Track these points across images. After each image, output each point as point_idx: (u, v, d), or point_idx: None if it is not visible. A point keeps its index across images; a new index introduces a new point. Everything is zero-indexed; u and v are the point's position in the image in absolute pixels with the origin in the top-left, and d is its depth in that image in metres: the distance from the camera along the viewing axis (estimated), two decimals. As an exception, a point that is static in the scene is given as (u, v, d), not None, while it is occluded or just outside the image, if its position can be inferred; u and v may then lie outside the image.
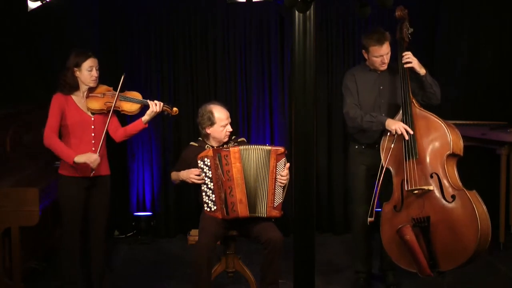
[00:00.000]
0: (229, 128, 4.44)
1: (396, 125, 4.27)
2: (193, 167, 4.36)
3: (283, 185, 4.29)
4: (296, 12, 3.41)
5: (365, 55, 4.53)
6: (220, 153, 4.24)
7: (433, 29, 6.20)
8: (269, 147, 4.28)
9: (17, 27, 5.62)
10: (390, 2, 3.30)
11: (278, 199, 4.28)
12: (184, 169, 4.43)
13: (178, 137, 6.17)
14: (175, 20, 6.09)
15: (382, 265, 4.76)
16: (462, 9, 6.14)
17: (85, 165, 4.16)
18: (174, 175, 4.51)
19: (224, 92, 6.13)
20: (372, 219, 4.29)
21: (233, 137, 4.54)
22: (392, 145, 4.29)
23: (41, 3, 4.65)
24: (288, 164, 4.28)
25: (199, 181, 4.32)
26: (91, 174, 4.19)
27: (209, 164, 4.28)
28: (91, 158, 4.12)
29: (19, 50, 5.68)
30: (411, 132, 4.23)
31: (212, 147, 4.39)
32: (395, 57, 4.49)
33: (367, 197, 4.48)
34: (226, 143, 4.44)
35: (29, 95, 5.59)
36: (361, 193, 4.56)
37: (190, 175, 4.35)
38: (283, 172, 4.27)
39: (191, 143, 4.56)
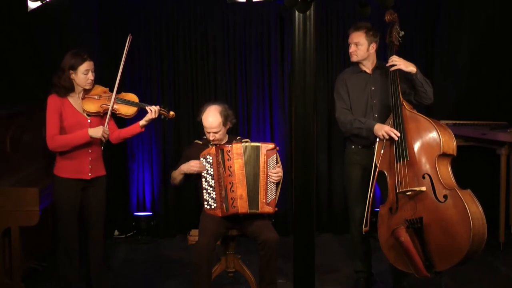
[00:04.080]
0: (211, 137, 4.37)
1: (382, 131, 4.30)
2: None
3: (275, 181, 4.30)
4: (296, 12, 3.41)
5: None
6: (222, 149, 4.27)
7: (433, 29, 6.20)
8: (259, 144, 4.32)
9: (17, 27, 5.62)
10: (390, 2, 3.30)
11: (271, 195, 4.29)
12: None
13: (178, 137, 6.17)
14: (175, 20, 6.09)
15: (393, 269, 4.68)
16: (462, 9, 6.15)
17: (82, 166, 4.18)
18: (175, 173, 4.50)
19: (224, 92, 6.13)
20: (367, 228, 4.31)
21: (238, 137, 4.54)
22: (382, 150, 4.31)
23: (41, 3, 4.66)
24: (279, 164, 4.32)
25: (200, 169, 4.32)
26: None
27: (211, 161, 4.30)
28: (106, 132, 4.14)
29: (19, 50, 5.68)
30: (398, 134, 4.24)
31: (215, 145, 4.40)
32: (387, 59, 4.49)
33: (363, 197, 4.50)
34: (229, 141, 4.45)
35: (29, 95, 5.59)
36: (357, 193, 4.57)
37: (190, 164, 4.36)
38: (274, 169, 4.29)
39: (196, 141, 4.58)
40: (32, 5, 4.83)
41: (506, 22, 6.15)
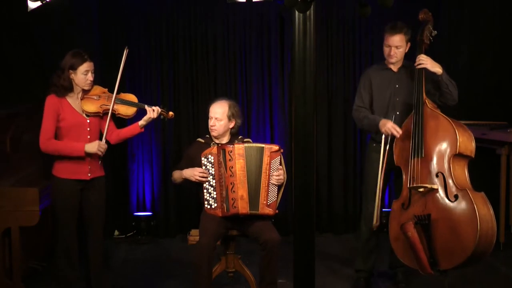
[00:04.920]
0: (211, 123, 4.43)
1: (384, 128, 4.38)
2: (197, 163, 4.37)
3: (277, 183, 4.30)
4: (296, 12, 3.41)
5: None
6: (224, 149, 4.26)
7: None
8: (263, 145, 4.32)
9: (17, 27, 5.62)
10: (390, 2, 3.30)
11: (272, 197, 4.29)
12: (188, 165, 4.43)
13: (178, 137, 6.17)
14: (175, 20, 6.09)
15: (391, 262, 4.78)
16: (462, 8, 6.15)
17: (82, 166, 4.18)
18: (176, 173, 4.50)
19: (224, 92, 6.12)
20: (378, 223, 4.42)
21: (240, 136, 4.54)
22: (387, 146, 4.40)
23: (41, 3, 4.65)
24: (282, 166, 4.31)
25: (203, 180, 4.32)
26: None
27: (212, 161, 4.30)
28: (101, 147, 4.13)
29: (19, 50, 5.68)
30: (400, 132, 4.31)
31: (218, 144, 4.40)
32: (413, 57, 4.51)
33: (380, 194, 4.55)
34: (231, 141, 4.45)
35: (29, 95, 5.58)
36: (373, 190, 4.59)
37: (194, 172, 4.35)
38: (276, 171, 4.28)
39: (198, 139, 4.57)
40: (32, 5, 4.83)
41: (506, 22, 6.15)
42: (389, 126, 4.36)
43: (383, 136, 4.42)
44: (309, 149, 3.58)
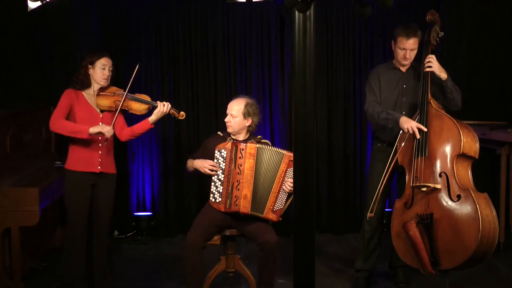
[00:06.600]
0: (226, 119, 4.47)
1: (407, 124, 4.33)
2: (211, 155, 4.40)
3: (288, 191, 4.30)
4: (296, 12, 3.41)
5: (393, 46, 4.60)
6: (237, 146, 4.29)
7: (433, 29, 6.20)
8: (284, 151, 4.32)
9: (17, 27, 5.62)
10: (390, 2, 3.29)
11: (280, 204, 4.30)
12: (202, 154, 4.47)
13: (178, 137, 6.17)
14: (175, 20, 6.09)
15: (392, 261, 4.79)
16: (462, 8, 6.15)
17: (92, 158, 4.23)
18: (189, 162, 4.53)
19: (224, 92, 6.13)
20: (372, 214, 4.39)
21: (258, 136, 4.55)
22: (403, 143, 4.36)
23: (41, 3, 4.65)
24: None
25: (212, 173, 4.33)
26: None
27: (225, 155, 4.32)
28: (104, 128, 4.20)
29: (19, 50, 5.68)
30: (425, 130, 4.27)
31: (235, 140, 4.40)
32: (421, 58, 4.51)
33: (382, 194, 4.55)
34: (248, 139, 4.45)
35: (29, 95, 5.59)
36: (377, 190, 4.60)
37: (204, 164, 4.37)
38: (290, 179, 4.28)
39: (218, 132, 4.60)
40: (32, 5, 4.83)
41: (506, 21, 6.15)
42: (413, 125, 4.28)
43: (401, 132, 4.40)
44: (309, 149, 3.58)
